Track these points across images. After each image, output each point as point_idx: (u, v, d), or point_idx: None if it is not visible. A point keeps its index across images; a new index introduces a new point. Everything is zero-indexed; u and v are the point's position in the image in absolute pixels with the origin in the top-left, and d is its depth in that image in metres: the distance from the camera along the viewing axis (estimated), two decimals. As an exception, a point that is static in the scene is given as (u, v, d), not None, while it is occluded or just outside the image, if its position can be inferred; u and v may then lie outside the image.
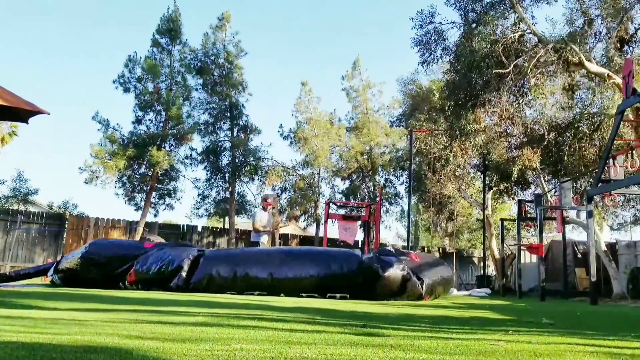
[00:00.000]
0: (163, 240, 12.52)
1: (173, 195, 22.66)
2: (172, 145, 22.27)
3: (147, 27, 69.83)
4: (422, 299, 10.08)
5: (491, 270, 22.98)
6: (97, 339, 2.78)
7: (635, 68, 11.41)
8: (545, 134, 16.89)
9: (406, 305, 7.97)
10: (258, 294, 8.73)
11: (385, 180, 27.43)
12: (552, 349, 3.09)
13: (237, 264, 9.35)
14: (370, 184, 26.78)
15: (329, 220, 18.69)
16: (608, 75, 14.66)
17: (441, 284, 10.84)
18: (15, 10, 61.13)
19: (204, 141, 24.07)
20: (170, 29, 22.29)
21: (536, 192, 18.95)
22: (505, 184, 21.08)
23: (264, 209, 11.95)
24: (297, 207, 25.66)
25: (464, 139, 17.57)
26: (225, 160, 24.10)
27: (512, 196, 22.29)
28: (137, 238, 18.26)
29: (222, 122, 24.31)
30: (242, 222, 27.91)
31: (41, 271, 11.26)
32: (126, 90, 21.62)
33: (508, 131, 18.39)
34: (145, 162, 20.81)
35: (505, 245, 21.01)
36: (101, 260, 9.69)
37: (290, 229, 28.78)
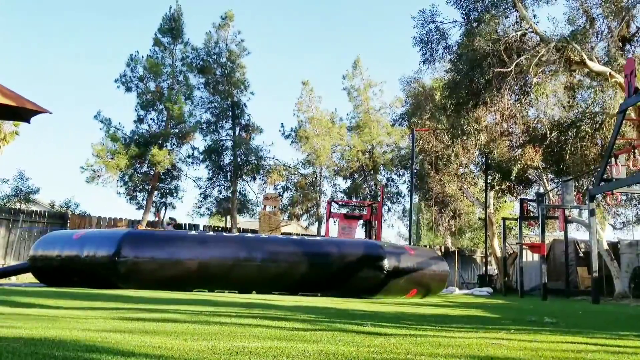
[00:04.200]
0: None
1: (175, 194, 22.67)
2: (173, 144, 22.27)
3: (149, 27, 69.84)
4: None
5: (493, 269, 22.95)
6: (99, 336, 2.78)
7: (637, 67, 11.39)
8: (547, 133, 16.86)
9: (408, 304, 7.98)
10: None
11: (387, 179, 27.40)
12: (554, 348, 3.09)
13: None
14: (372, 182, 26.76)
15: (331, 219, 18.70)
16: (610, 74, 14.64)
17: (433, 278, 10.93)
18: (17, 8, 61.18)
19: (205, 140, 24.06)
20: (172, 28, 22.28)
21: (538, 191, 18.93)
22: (508, 183, 21.06)
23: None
24: (299, 206, 25.65)
25: (465, 137, 17.56)
26: (227, 159, 24.08)
27: (514, 195, 22.27)
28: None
29: (224, 121, 24.29)
30: (243, 221, 27.92)
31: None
32: (128, 89, 21.62)
33: (510, 130, 18.37)
34: (147, 161, 20.82)
35: (507, 244, 20.98)
36: None
37: (292, 228, 28.78)
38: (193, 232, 13.59)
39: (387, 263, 9.93)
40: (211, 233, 12.53)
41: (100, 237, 9.98)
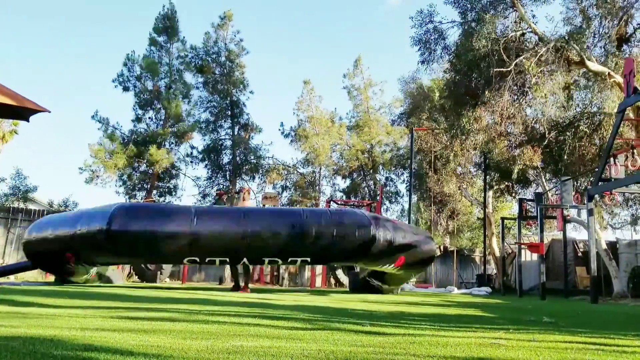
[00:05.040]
0: None
1: (174, 193, 22.69)
2: (172, 143, 22.25)
3: (147, 26, 69.70)
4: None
5: (492, 268, 22.97)
6: (97, 335, 2.78)
7: (635, 67, 11.40)
8: (546, 133, 16.87)
9: (407, 303, 7.98)
10: None
11: (386, 178, 27.42)
12: (553, 347, 3.09)
13: None
14: (371, 182, 26.77)
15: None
16: (609, 74, 14.65)
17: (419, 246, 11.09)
18: (15, 8, 61.11)
19: (204, 139, 24.06)
20: (167, 27, 22.22)
21: (537, 191, 18.94)
22: (506, 183, 21.06)
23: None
24: (298, 205, 25.66)
25: (464, 137, 17.56)
26: (226, 158, 24.08)
27: (513, 195, 22.28)
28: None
29: (223, 121, 24.30)
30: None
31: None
32: (125, 89, 21.62)
33: (509, 130, 18.37)
34: (145, 161, 20.80)
35: (505, 243, 20.97)
36: None
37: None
38: (182, 204, 13.65)
39: (373, 229, 10.01)
40: (202, 205, 12.57)
41: (93, 212, 9.99)
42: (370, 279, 11.76)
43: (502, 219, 20.33)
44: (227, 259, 9.46)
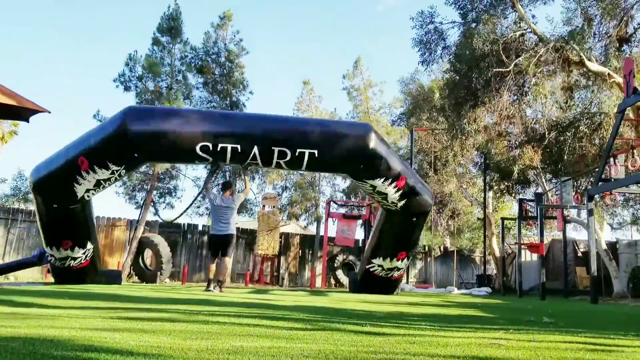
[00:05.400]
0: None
1: (173, 194, 22.67)
2: (172, 143, 22.23)
3: (149, 26, 69.91)
4: None
5: (492, 269, 22.96)
6: (97, 336, 2.78)
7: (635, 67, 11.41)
8: (546, 133, 16.88)
9: (407, 304, 7.98)
10: None
11: (386, 179, 27.36)
12: (553, 348, 3.09)
13: None
14: (371, 182, 26.71)
15: (330, 219, 18.70)
16: (608, 74, 14.66)
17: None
18: (18, 7, 61.20)
19: (204, 140, 24.03)
20: (171, 28, 22.24)
21: (537, 191, 18.94)
22: (506, 183, 21.07)
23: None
24: (298, 206, 25.65)
25: (463, 138, 17.56)
26: (225, 158, 24.06)
27: (512, 195, 22.28)
28: (138, 236, 18.26)
29: (222, 121, 24.32)
30: (242, 221, 27.91)
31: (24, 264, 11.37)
32: (127, 89, 21.59)
33: (508, 130, 18.38)
34: (145, 161, 20.79)
35: (505, 244, 20.97)
36: None
37: (291, 227, 28.76)
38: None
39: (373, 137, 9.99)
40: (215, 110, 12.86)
41: (103, 122, 10.03)
42: (373, 262, 11.32)
43: (502, 219, 20.33)
44: (239, 147, 9.40)
